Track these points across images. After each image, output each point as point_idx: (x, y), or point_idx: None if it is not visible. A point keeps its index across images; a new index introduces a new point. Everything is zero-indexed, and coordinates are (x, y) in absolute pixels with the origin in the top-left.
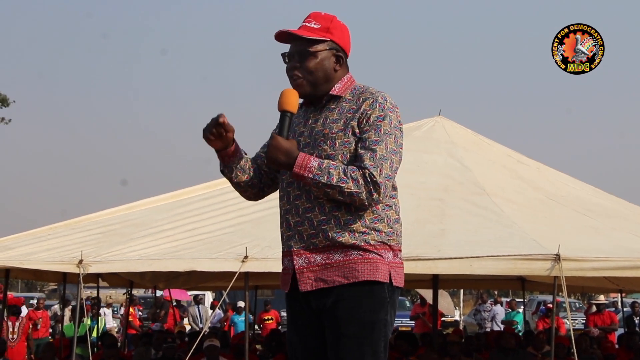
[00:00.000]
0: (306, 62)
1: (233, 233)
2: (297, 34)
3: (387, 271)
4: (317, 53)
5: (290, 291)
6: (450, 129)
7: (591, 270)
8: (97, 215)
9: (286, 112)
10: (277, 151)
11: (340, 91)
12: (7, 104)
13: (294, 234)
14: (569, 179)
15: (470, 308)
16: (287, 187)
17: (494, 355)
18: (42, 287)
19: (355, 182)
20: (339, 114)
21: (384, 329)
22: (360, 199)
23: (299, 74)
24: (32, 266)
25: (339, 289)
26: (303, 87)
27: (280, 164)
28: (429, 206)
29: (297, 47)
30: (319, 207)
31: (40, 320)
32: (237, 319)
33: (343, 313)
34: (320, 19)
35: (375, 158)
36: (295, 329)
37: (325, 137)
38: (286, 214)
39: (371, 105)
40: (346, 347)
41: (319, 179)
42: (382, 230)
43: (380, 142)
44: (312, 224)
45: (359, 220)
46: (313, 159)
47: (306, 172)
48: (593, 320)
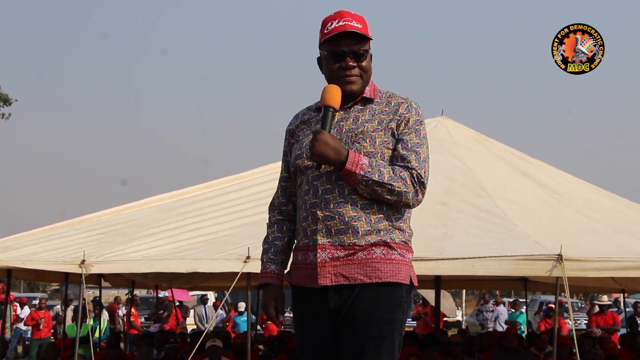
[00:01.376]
0: (363, 62)
1: (235, 233)
2: (361, 33)
3: (408, 272)
4: (368, 53)
5: (300, 289)
6: (453, 128)
7: (593, 270)
8: (99, 215)
9: (329, 107)
10: (326, 146)
11: (370, 94)
12: (10, 103)
13: (321, 228)
14: (571, 178)
15: (472, 308)
16: (314, 181)
17: (496, 355)
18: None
19: (404, 181)
20: (371, 114)
21: (399, 328)
22: (407, 198)
23: (356, 73)
24: (35, 266)
25: (358, 290)
26: (357, 85)
27: (329, 160)
28: (432, 210)
29: (352, 46)
30: (352, 203)
31: (43, 320)
32: (239, 320)
33: (362, 313)
34: (358, 19)
35: (419, 160)
36: (303, 328)
37: (364, 134)
38: (313, 207)
39: (407, 109)
40: (364, 348)
41: (370, 176)
42: (405, 231)
43: (422, 145)
44: (342, 219)
45: (387, 220)
46: (363, 156)
47: (358, 169)
48: (595, 320)
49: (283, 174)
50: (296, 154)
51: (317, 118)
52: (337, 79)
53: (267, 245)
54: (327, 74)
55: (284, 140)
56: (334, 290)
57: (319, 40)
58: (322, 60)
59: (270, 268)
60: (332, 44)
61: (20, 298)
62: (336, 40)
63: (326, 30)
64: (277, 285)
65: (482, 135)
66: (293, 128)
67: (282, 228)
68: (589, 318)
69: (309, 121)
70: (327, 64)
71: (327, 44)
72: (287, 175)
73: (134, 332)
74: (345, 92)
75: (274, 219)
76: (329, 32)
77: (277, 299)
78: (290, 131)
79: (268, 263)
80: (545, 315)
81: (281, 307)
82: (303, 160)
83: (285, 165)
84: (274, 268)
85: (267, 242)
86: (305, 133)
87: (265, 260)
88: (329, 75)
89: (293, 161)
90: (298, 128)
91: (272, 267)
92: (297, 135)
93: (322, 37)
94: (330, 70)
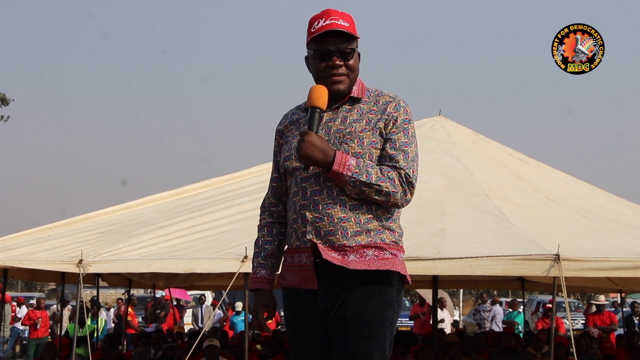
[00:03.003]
0: (349, 61)
1: (232, 232)
2: (348, 32)
3: (402, 267)
4: (355, 51)
5: (291, 291)
6: (450, 128)
7: (590, 270)
8: (96, 215)
9: (316, 108)
10: (313, 148)
11: (359, 93)
12: (7, 103)
13: (310, 230)
14: (569, 178)
15: (469, 308)
16: (303, 183)
17: (494, 355)
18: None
19: (392, 181)
20: (359, 114)
21: (390, 327)
22: (396, 198)
23: (343, 72)
24: (32, 266)
25: (348, 290)
26: (344, 85)
27: (316, 161)
28: (429, 206)
29: (339, 45)
30: (341, 204)
31: (40, 320)
32: (236, 319)
33: (352, 313)
34: (346, 18)
35: (408, 159)
36: (297, 329)
37: (352, 135)
38: (302, 209)
39: (395, 108)
40: (355, 347)
41: (358, 177)
42: (395, 231)
43: (410, 144)
44: (331, 221)
45: (377, 220)
46: (350, 156)
47: (345, 170)
48: (593, 320)
49: (273, 174)
50: (285, 156)
51: (305, 118)
52: (324, 78)
53: (258, 249)
54: (314, 72)
55: (274, 141)
56: (323, 290)
57: (307, 39)
58: (310, 59)
59: (260, 273)
60: (319, 42)
61: (18, 298)
62: (323, 39)
63: (313, 29)
64: (268, 291)
65: (479, 135)
66: (282, 128)
67: (272, 231)
68: (586, 318)
69: (298, 122)
70: (314, 63)
71: (314, 42)
72: (277, 175)
73: (131, 331)
74: (332, 91)
75: (264, 222)
76: (316, 31)
77: (267, 304)
78: (279, 131)
79: (258, 268)
80: (544, 316)
81: (273, 312)
82: (292, 161)
83: (276, 166)
84: (264, 273)
85: (257, 245)
86: (294, 134)
87: (255, 265)
88: (316, 74)
89: (282, 162)
90: (287, 128)
91: (262, 272)
92: (286, 136)
93: (309, 36)
94: (318, 69)
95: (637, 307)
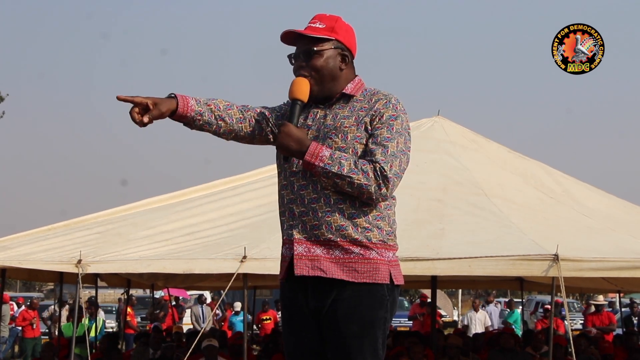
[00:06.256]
0: (312, 61)
1: (232, 233)
2: (302, 34)
3: (388, 271)
4: (323, 52)
5: (287, 291)
6: (449, 128)
7: (589, 270)
8: (95, 216)
9: (297, 100)
10: (288, 138)
11: (352, 91)
12: (1, 99)
13: (297, 224)
14: (568, 177)
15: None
16: (291, 177)
17: (493, 355)
18: (40, 287)
19: (365, 174)
20: (350, 111)
21: (382, 326)
22: (369, 192)
23: (306, 73)
24: (30, 266)
25: (338, 291)
26: (310, 85)
27: (291, 151)
28: (428, 206)
29: (302, 47)
30: (325, 198)
31: (35, 319)
32: (235, 319)
33: (343, 312)
34: (325, 20)
35: (386, 154)
36: (291, 328)
37: (337, 130)
38: (290, 203)
39: (385, 104)
40: (347, 347)
41: (330, 169)
42: (383, 229)
43: (392, 139)
44: (316, 215)
45: (363, 216)
46: (325, 148)
47: (317, 161)
48: (591, 320)
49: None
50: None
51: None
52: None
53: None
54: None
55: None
56: (313, 288)
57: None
58: None
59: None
60: (293, 46)
61: (18, 298)
62: (293, 41)
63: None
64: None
65: (478, 135)
66: (280, 114)
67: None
68: (585, 318)
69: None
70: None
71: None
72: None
73: (130, 331)
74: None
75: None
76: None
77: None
78: (281, 109)
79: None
80: (543, 316)
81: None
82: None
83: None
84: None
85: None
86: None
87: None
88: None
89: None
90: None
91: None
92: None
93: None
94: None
95: (635, 307)
